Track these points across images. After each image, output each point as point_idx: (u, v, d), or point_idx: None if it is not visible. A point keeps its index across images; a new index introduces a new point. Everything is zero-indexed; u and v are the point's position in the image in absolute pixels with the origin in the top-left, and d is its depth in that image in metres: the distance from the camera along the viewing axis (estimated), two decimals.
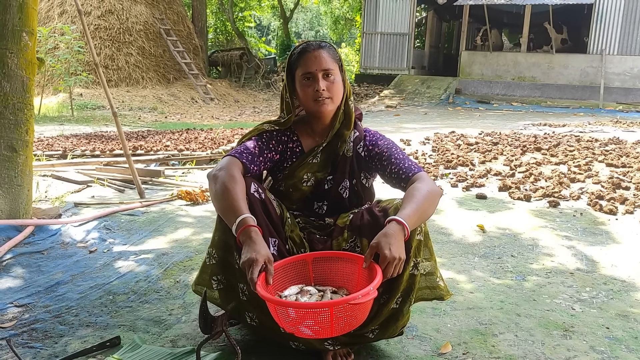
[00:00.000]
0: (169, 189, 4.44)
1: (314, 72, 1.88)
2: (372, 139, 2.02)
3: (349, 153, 2.01)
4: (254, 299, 1.83)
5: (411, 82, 16.56)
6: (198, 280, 2.00)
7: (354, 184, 2.03)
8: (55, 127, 9.38)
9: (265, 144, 1.97)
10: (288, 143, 2.01)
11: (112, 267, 2.77)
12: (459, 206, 3.84)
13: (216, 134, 7.87)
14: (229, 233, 1.78)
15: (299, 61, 1.92)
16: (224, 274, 1.91)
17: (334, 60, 1.91)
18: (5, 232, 2.97)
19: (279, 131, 2.01)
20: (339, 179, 2.01)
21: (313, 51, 1.90)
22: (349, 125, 1.98)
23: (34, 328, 2.12)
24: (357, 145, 2.01)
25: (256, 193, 1.85)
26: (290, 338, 1.84)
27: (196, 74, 15.98)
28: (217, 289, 1.93)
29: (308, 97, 1.90)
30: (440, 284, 1.93)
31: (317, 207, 2.04)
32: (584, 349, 1.98)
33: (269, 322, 1.79)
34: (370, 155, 2.00)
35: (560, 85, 15.02)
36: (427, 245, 1.89)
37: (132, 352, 1.90)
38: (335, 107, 1.93)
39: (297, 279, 1.79)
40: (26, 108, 3.16)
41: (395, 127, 9.22)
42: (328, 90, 1.88)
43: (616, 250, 2.98)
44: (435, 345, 2.00)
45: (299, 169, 1.99)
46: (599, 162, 5.07)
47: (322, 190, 2.02)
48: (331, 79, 1.89)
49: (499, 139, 6.69)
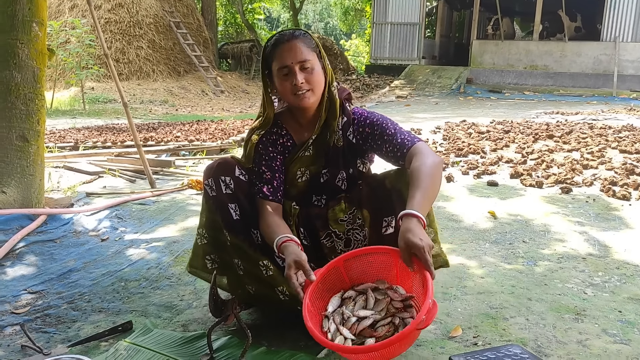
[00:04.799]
0: (179, 179, 4.46)
1: (290, 65, 1.78)
2: (362, 120, 1.93)
3: (339, 143, 1.93)
4: (251, 273, 1.88)
5: (422, 72, 16.46)
6: (192, 262, 2.04)
7: (350, 173, 1.97)
8: (67, 121, 9.45)
9: (267, 158, 1.92)
10: (279, 139, 1.96)
11: (124, 254, 2.79)
12: (470, 193, 3.82)
13: (226, 125, 7.89)
14: (216, 212, 1.88)
15: (273, 54, 1.82)
16: (216, 253, 1.97)
17: (311, 48, 1.81)
18: (18, 221, 3.00)
19: (267, 133, 1.95)
20: (333, 171, 1.96)
21: (287, 42, 1.80)
22: (335, 113, 1.90)
23: (47, 314, 2.15)
24: (347, 132, 1.94)
25: (241, 175, 1.91)
26: (292, 305, 1.87)
27: (206, 67, 16.00)
28: (212, 267, 1.98)
29: (287, 92, 1.82)
30: (442, 250, 1.95)
31: (315, 200, 2.01)
32: (596, 332, 1.96)
33: (269, 292, 1.88)
34: (362, 138, 1.92)
35: (573, 74, 14.85)
36: (429, 215, 1.87)
37: (144, 336, 1.92)
38: (317, 98, 1.85)
39: (335, 286, 1.76)
40: (37, 98, 3.18)
41: (406, 117, 9.17)
42: (307, 82, 1.80)
43: (629, 235, 2.95)
44: (446, 329, 2.00)
45: (291, 164, 1.95)
46: (612, 148, 5.01)
47: (319, 184, 1.98)
48: (309, 69, 1.79)
49: (511, 127, 6.64)
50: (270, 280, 1.88)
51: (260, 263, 1.87)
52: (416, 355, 1.81)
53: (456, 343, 1.90)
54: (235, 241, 1.88)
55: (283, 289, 1.87)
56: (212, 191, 1.90)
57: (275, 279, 1.87)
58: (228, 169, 1.91)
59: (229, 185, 1.89)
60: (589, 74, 14.69)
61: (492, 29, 16.72)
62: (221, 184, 1.89)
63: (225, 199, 1.88)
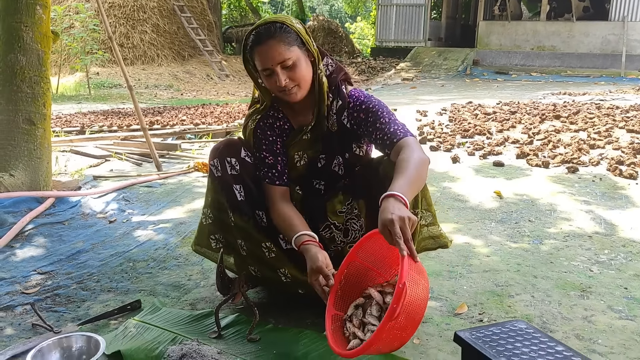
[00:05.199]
0: (185, 162, 4.47)
1: (270, 67, 1.73)
2: (357, 104, 1.88)
3: (333, 127, 1.90)
4: (254, 254, 1.91)
5: (428, 54, 16.34)
6: (197, 241, 2.07)
7: (347, 158, 1.94)
8: (73, 106, 9.46)
9: (267, 143, 1.91)
10: (276, 122, 1.94)
11: (132, 236, 2.82)
12: (476, 174, 3.81)
13: (232, 108, 7.88)
14: (221, 193, 1.89)
15: (253, 56, 1.77)
16: (220, 232, 1.99)
17: (289, 44, 1.72)
18: (26, 203, 3.03)
19: (263, 117, 1.93)
20: (330, 156, 1.94)
21: (263, 44, 1.72)
22: (323, 97, 1.85)
23: (57, 294, 2.17)
24: (341, 116, 1.89)
25: (247, 157, 1.91)
26: (294, 287, 1.91)
27: (211, 51, 15.94)
28: (216, 247, 2.00)
29: (274, 89, 1.79)
30: (442, 232, 1.94)
31: (316, 184, 2.00)
32: (602, 309, 1.97)
33: (271, 274, 1.91)
34: (356, 123, 1.88)
35: (581, 54, 14.70)
36: (425, 196, 1.86)
37: (152, 315, 1.94)
38: (306, 89, 1.80)
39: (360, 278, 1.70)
40: (43, 81, 3.19)
41: (411, 99, 9.13)
42: (292, 80, 1.75)
43: (636, 213, 2.94)
44: (451, 306, 2.01)
45: (289, 148, 1.94)
46: (620, 128, 4.97)
47: (317, 168, 1.96)
48: (292, 66, 1.73)
49: (517, 108, 6.59)
50: (273, 261, 1.89)
51: (263, 244, 1.89)
52: (422, 332, 1.82)
53: (462, 320, 1.91)
54: (239, 222, 1.89)
55: (285, 270, 1.89)
56: (217, 172, 1.90)
57: (278, 261, 1.89)
58: (234, 150, 1.92)
59: (234, 166, 1.89)
60: (597, 55, 14.53)
61: (499, 10, 16.54)
62: (227, 164, 1.89)
63: (230, 180, 1.89)
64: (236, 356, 1.67)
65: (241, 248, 1.92)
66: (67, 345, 1.68)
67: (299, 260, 1.90)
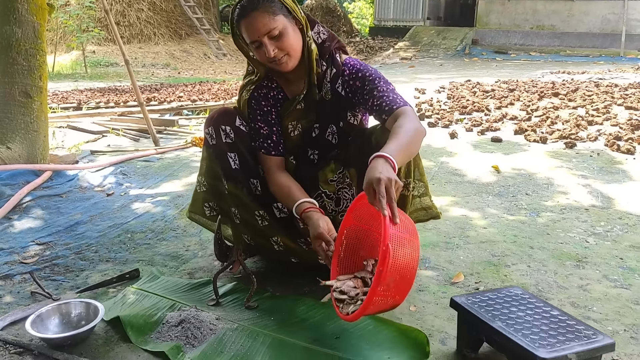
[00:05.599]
0: (183, 137, 4.46)
1: (257, 39, 1.71)
2: (352, 72, 1.85)
3: (327, 96, 1.88)
4: (247, 222, 1.92)
5: (426, 33, 16.22)
6: (191, 208, 2.08)
7: (341, 127, 1.92)
8: (70, 84, 9.40)
9: (261, 113, 1.90)
10: (270, 92, 1.92)
11: (129, 208, 2.82)
12: (474, 149, 3.81)
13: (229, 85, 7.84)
14: (215, 161, 1.90)
15: (240, 29, 1.75)
16: (215, 200, 2.00)
17: (273, 14, 1.69)
18: (23, 176, 3.02)
19: (257, 87, 1.91)
20: (324, 125, 1.92)
21: (248, 17, 1.70)
22: (313, 66, 1.81)
23: (55, 263, 2.18)
24: (336, 84, 1.87)
25: (242, 126, 1.91)
26: (286, 255, 1.93)
27: (208, 29, 15.79)
28: (210, 215, 2.02)
29: (264, 60, 1.77)
30: (433, 202, 1.94)
31: (310, 154, 1.99)
32: (597, 278, 1.98)
33: (264, 242, 1.92)
34: (352, 90, 1.85)
35: (580, 34, 14.60)
36: (418, 166, 1.84)
37: (150, 283, 1.95)
38: (297, 58, 1.77)
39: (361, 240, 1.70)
40: (38, 54, 3.16)
41: (410, 77, 9.09)
42: (281, 49, 1.72)
43: (632, 187, 2.95)
44: (448, 275, 2.02)
45: (284, 118, 1.92)
46: (618, 105, 4.97)
47: (311, 138, 1.95)
48: (279, 36, 1.70)
49: (516, 86, 6.57)
50: (266, 230, 1.90)
51: (256, 213, 1.89)
52: (418, 300, 1.84)
53: (458, 288, 1.93)
54: (233, 190, 1.89)
55: (277, 239, 1.90)
56: (212, 140, 1.90)
57: (271, 230, 1.90)
58: (229, 118, 1.91)
59: (229, 134, 1.89)
60: (596, 34, 14.44)
61: None
62: (221, 133, 1.88)
63: (224, 148, 1.88)
64: (234, 322, 1.68)
65: (235, 216, 1.93)
66: (66, 311, 1.69)
67: (291, 229, 1.92)
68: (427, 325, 1.68)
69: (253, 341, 1.58)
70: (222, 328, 1.65)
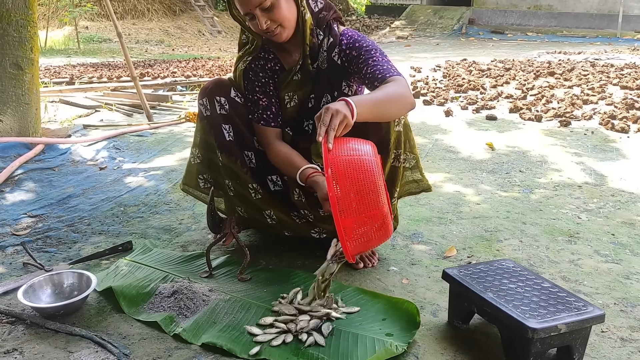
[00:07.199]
0: (176, 113, 4.43)
1: (250, 11, 1.68)
2: (350, 41, 1.82)
3: (323, 65, 1.85)
4: (241, 195, 1.91)
5: (423, 12, 16.09)
6: (185, 180, 2.06)
7: (335, 97, 1.89)
8: (62, 59, 9.29)
9: (259, 85, 1.88)
10: (267, 64, 1.89)
11: (122, 182, 2.81)
12: (469, 127, 3.81)
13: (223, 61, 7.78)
14: (209, 132, 1.88)
15: (233, 2, 1.73)
16: (209, 172, 1.98)
17: None
18: (15, 149, 3.00)
19: (254, 59, 1.88)
20: (319, 95, 1.90)
21: None
22: (306, 35, 1.78)
23: (48, 235, 2.17)
24: (332, 53, 1.83)
25: (237, 97, 1.89)
26: (279, 228, 1.93)
27: (202, 6, 15.59)
28: (204, 187, 2.00)
29: (258, 32, 1.75)
30: (424, 175, 1.94)
31: (306, 125, 1.97)
32: (588, 253, 2.00)
33: (257, 215, 1.92)
34: (348, 60, 1.82)
35: (578, 14, 14.52)
36: (409, 137, 1.83)
37: (143, 255, 1.95)
38: (291, 28, 1.75)
39: None
40: (29, 25, 3.11)
41: (405, 56, 9.04)
42: (273, 21, 1.69)
43: (626, 165, 2.96)
44: (441, 249, 2.03)
45: (281, 89, 1.90)
46: (613, 85, 4.97)
47: (307, 109, 1.93)
48: (270, 7, 1.67)
49: (512, 65, 6.55)
50: (259, 203, 1.89)
51: (250, 185, 1.88)
52: (411, 273, 1.85)
53: (450, 262, 1.94)
54: (227, 162, 1.88)
55: (271, 212, 1.89)
56: (206, 111, 1.88)
57: (264, 203, 1.89)
58: (223, 89, 1.89)
59: (223, 105, 1.87)
60: (593, 15, 14.36)
61: None
62: (216, 104, 1.86)
63: (219, 120, 1.86)
64: (227, 294, 1.68)
65: (229, 188, 1.92)
66: (59, 282, 1.69)
67: (285, 202, 1.91)
68: (418, 298, 1.69)
69: (246, 312, 1.59)
70: (215, 299, 1.65)
